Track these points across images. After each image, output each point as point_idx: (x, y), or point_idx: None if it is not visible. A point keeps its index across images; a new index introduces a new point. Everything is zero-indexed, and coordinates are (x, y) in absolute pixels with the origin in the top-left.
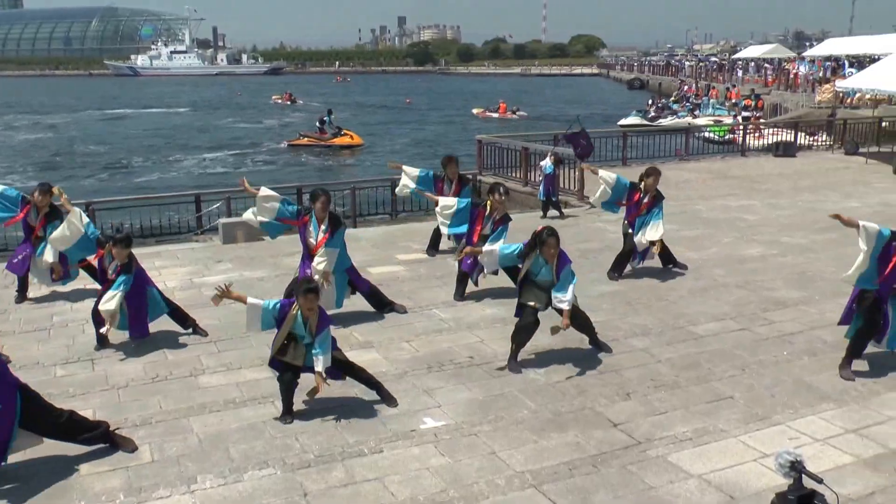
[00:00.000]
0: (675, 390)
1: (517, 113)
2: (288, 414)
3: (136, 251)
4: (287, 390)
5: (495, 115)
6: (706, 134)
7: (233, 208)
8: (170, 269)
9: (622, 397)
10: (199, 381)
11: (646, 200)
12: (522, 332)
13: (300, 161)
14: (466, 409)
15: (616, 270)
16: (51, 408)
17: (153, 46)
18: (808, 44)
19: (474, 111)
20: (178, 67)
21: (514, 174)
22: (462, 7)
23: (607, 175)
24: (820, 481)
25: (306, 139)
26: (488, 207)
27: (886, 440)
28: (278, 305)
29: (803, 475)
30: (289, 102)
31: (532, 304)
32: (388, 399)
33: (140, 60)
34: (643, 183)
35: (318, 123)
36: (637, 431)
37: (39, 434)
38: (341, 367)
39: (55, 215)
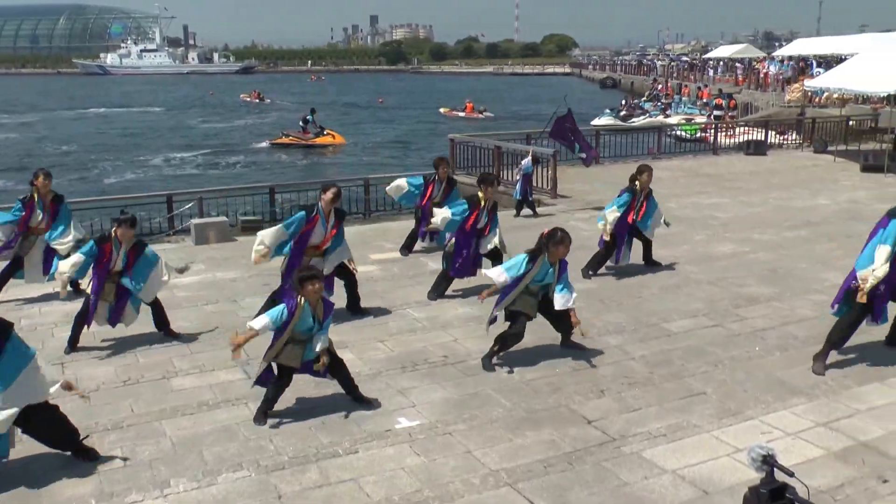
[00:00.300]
0: (648, 387)
1: (484, 113)
2: (264, 416)
3: None
4: (277, 393)
5: (462, 114)
6: (678, 132)
7: (205, 209)
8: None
9: (596, 394)
10: (172, 383)
11: (642, 200)
12: (512, 340)
13: (274, 160)
14: (441, 409)
15: (593, 268)
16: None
17: (123, 45)
18: (777, 44)
19: (441, 111)
20: (149, 66)
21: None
22: (434, 6)
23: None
24: (791, 475)
25: (289, 139)
26: (482, 201)
27: (855, 433)
28: (284, 311)
29: (775, 469)
30: (258, 101)
31: (528, 313)
32: (364, 402)
33: (110, 59)
34: (638, 182)
35: (301, 123)
36: (611, 428)
37: (37, 439)
38: (332, 361)
39: (61, 209)
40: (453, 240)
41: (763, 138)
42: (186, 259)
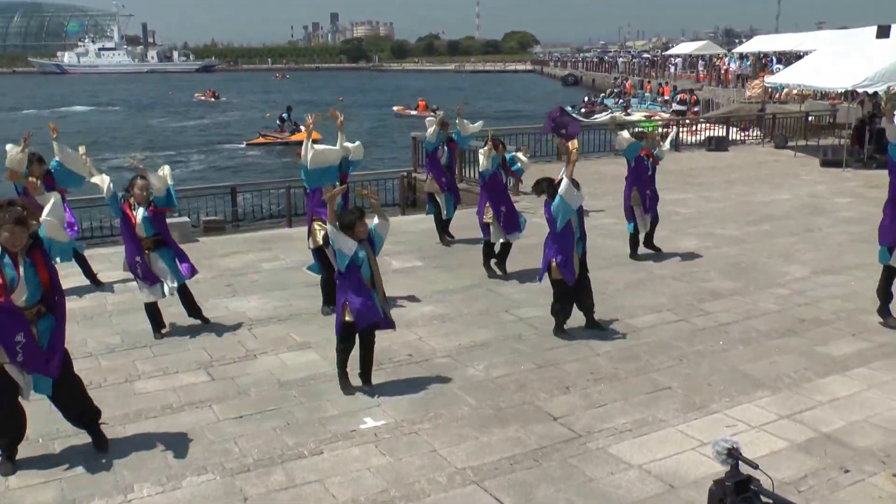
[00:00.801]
0: (614, 382)
1: (437, 111)
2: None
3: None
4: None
5: (414, 112)
6: (637, 129)
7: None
8: (102, 272)
9: (562, 391)
10: (135, 386)
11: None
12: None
13: (240, 160)
14: (406, 408)
15: (637, 249)
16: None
17: (80, 43)
18: (737, 41)
19: (395, 109)
20: (108, 65)
21: None
22: (395, 3)
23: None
24: (756, 467)
25: (265, 138)
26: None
27: (818, 424)
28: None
29: (740, 462)
30: (212, 99)
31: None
32: (368, 381)
33: (67, 58)
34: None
35: (277, 121)
36: (577, 424)
37: (63, 410)
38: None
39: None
40: (491, 212)
41: (724, 134)
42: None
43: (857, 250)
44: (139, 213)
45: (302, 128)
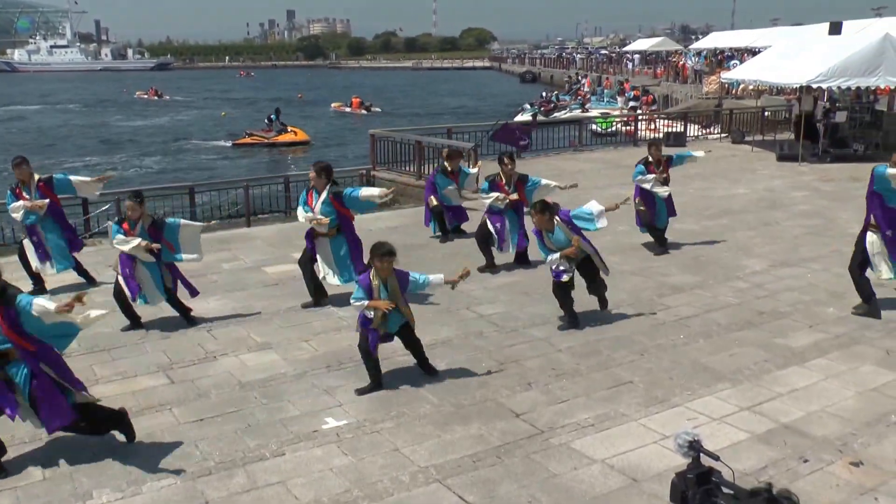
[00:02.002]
0: (576, 378)
1: (371, 108)
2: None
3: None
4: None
5: (348, 109)
6: (593, 127)
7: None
8: (57, 276)
9: (524, 387)
10: (93, 391)
11: (661, 169)
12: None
13: (195, 159)
14: (368, 407)
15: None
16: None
17: (31, 40)
18: (693, 37)
19: (333, 106)
20: (60, 63)
21: (408, 168)
22: (352, 0)
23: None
24: (717, 459)
25: (252, 138)
26: (503, 177)
27: (777, 415)
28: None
29: (701, 454)
30: (155, 98)
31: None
32: (429, 370)
33: (17, 55)
34: (650, 156)
35: (266, 121)
36: (540, 420)
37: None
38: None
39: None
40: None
41: (683, 130)
42: (104, 262)
43: (813, 243)
44: (137, 228)
45: (289, 129)
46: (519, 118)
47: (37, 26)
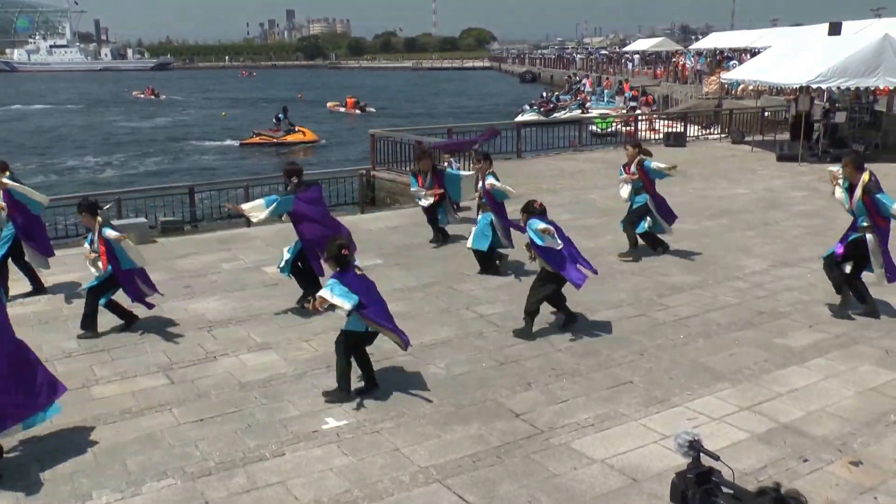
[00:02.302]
0: (575, 378)
1: (366, 109)
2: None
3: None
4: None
5: (343, 109)
6: (591, 127)
7: (123, 210)
8: (57, 275)
9: (523, 387)
10: (92, 391)
11: (633, 171)
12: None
13: (196, 160)
14: (368, 407)
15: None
16: None
17: (31, 40)
18: (693, 37)
19: (328, 105)
20: (59, 63)
21: (408, 169)
22: (352, 0)
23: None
24: (717, 458)
25: (259, 137)
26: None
27: (777, 415)
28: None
29: (701, 454)
30: (152, 97)
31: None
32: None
33: (17, 55)
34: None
35: (273, 121)
36: (539, 420)
37: None
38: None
39: None
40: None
41: (683, 130)
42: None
43: (813, 243)
44: (92, 239)
45: (297, 128)
46: (519, 118)
47: (36, 26)
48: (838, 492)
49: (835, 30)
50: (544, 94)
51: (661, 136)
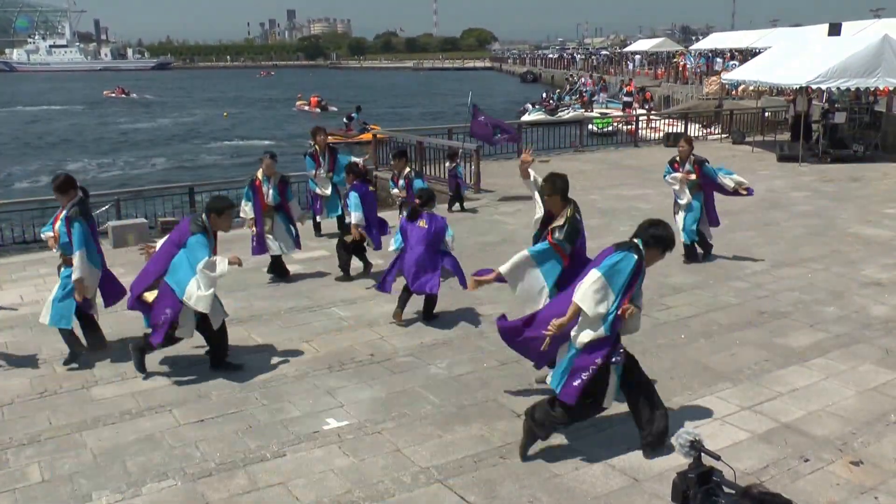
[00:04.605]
0: None
1: (328, 107)
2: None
3: (20, 259)
4: None
5: (307, 108)
6: (590, 127)
7: (123, 210)
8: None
9: (525, 387)
10: (92, 392)
11: (686, 169)
12: None
13: (207, 160)
14: (369, 408)
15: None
16: None
17: (30, 40)
18: (694, 38)
19: (297, 104)
20: (59, 62)
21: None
22: (352, 0)
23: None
24: (718, 458)
25: (331, 137)
26: (679, 159)
27: (778, 415)
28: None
29: (702, 453)
30: (123, 96)
31: None
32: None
33: (16, 55)
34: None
35: (345, 120)
36: None
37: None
38: None
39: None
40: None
41: (683, 130)
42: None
43: (814, 243)
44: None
45: (370, 128)
46: (525, 118)
47: (35, 26)
48: (839, 491)
49: (834, 30)
50: (545, 94)
51: (661, 135)
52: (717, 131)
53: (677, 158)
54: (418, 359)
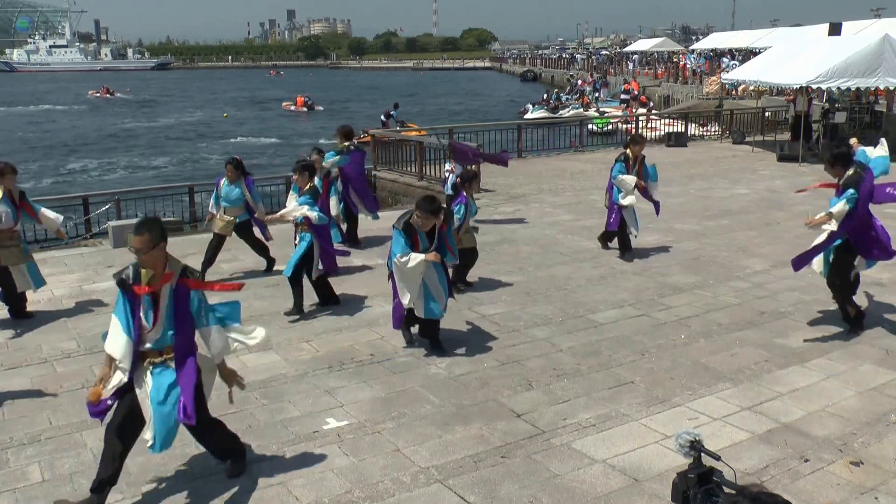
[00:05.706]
0: (577, 378)
1: (315, 107)
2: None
3: None
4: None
5: (293, 108)
6: (590, 127)
7: (123, 210)
8: (57, 276)
9: (525, 387)
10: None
11: (637, 167)
12: None
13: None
14: (369, 408)
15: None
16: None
17: (30, 40)
18: (694, 38)
19: (283, 105)
20: (59, 63)
21: (409, 169)
22: (352, 0)
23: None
24: (718, 458)
25: (369, 136)
26: (631, 158)
27: (778, 415)
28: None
29: (702, 454)
30: (108, 96)
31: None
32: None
33: (16, 55)
34: (630, 151)
35: (382, 117)
36: (541, 420)
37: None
38: None
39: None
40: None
41: (683, 130)
42: (104, 262)
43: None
44: None
45: (408, 125)
46: (528, 116)
47: (36, 26)
48: (839, 492)
49: (835, 30)
50: (545, 94)
51: (662, 135)
52: (715, 130)
53: (630, 157)
54: (418, 359)
